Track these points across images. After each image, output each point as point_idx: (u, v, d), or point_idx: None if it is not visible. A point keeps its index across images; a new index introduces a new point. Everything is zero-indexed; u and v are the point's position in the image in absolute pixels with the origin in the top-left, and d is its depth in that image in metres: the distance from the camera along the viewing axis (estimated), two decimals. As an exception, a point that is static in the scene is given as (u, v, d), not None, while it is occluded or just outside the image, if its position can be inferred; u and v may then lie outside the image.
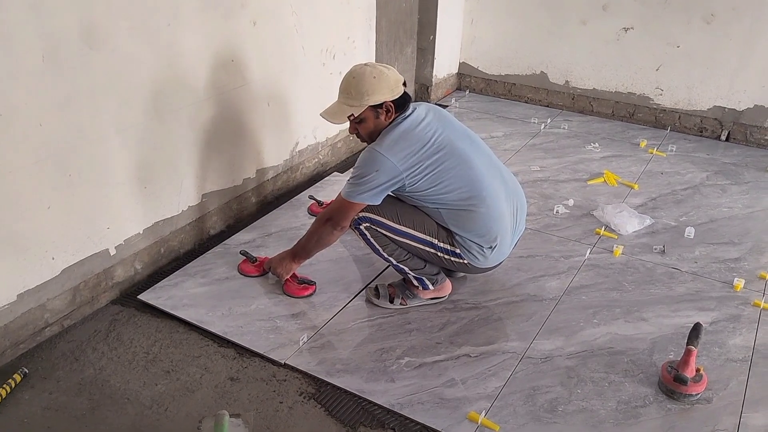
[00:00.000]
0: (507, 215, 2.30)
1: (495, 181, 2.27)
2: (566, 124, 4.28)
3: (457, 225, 2.25)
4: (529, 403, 2.06)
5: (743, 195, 3.41)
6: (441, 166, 2.17)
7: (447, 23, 4.47)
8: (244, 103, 2.83)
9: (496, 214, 2.25)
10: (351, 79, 2.18)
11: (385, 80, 2.15)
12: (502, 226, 2.27)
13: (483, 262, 2.32)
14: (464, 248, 2.28)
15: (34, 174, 2.04)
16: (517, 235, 2.43)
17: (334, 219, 2.26)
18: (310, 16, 3.07)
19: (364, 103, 2.16)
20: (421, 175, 2.16)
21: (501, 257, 2.37)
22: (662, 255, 2.85)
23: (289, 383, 2.10)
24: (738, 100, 3.98)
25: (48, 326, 2.25)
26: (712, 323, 2.43)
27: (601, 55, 4.28)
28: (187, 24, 2.42)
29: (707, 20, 3.87)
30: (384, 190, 2.18)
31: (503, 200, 2.28)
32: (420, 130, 2.18)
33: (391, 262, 2.37)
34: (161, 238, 2.61)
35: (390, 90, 2.17)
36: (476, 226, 2.24)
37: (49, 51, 1.97)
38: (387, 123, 2.21)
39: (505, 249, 2.35)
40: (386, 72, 2.17)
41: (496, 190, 2.26)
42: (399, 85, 2.19)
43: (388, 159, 2.12)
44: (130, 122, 2.31)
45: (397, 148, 2.14)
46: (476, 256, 2.29)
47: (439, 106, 2.38)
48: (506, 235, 2.30)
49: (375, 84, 2.14)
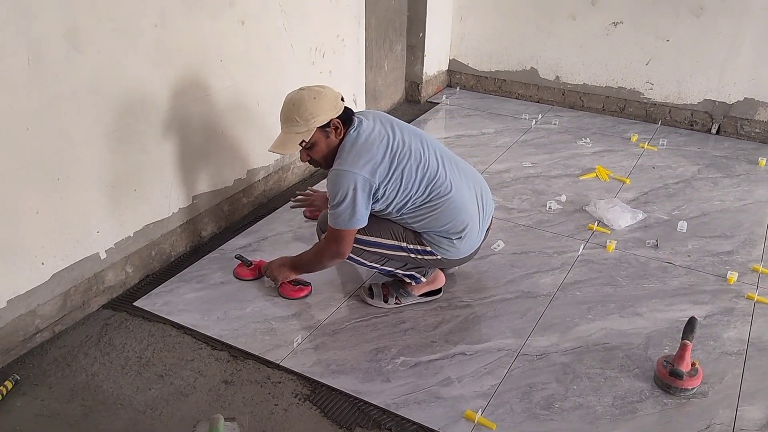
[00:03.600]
0: (470, 202, 2.30)
1: (452, 172, 2.28)
2: (557, 120, 4.28)
3: (424, 224, 2.27)
4: (526, 400, 2.05)
5: (735, 188, 3.42)
6: (404, 169, 2.17)
7: (436, 20, 4.46)
8: (233, 103, 2.81)
9: (460, 204, 2.26)
10: (291, 106, 2.14)
11: (325, 99, 2.13)
12: (467, 215, 2.28)
13: (455, 253, 2.33)
14: (434, 245, 2.30)
15: (21, 178, 2.01)
16: (487, 217, 2.42)
17: (337, 251, 2.24)
18: (299, 15, 3.05)
19: (312, 126, 2.13)
20: (390, 182, 2.17)
21: (474, 244, 2.37)
22: (655, 249, 2.85)
23: (284, 385, 2.09)
24: (728, 93, 3.98)
25: (39, 332, 2.22)
26: (706, 317, 2.43)
27: (590, 50, 4.28)
28: (173, 24, 2.39)
29: (696, 13, 3.88)
30: (365, 207, 2.15)
31: (465, 188, 2.29)
32: (374, 139, 2.17)
33: (376, 267, 2.40)
34: (152, 241, 2.58)
35: (333, 107, 2.14)
36: (442, 219, 2.25)
37: (35, 54, 1.94)
38: (338, 140, 2.19)
39: (475, 235, 2.34)
40: (323, 91, 2.15)
41: (456, 181, 2.27)
42: (338, 100, 2.17)
43: (359, 174, 2.11)
44: (117, 124, 2.29)
45: (362, 162, 2.12)
46: (447, 249, 2.31)
47: (382, 112, 2.38)
48: (474, 222, 2.31)
49: (316, 104, 2.11)
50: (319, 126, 2.14)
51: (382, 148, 2.16)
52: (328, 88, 2.18)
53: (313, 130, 2.14)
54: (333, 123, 2.16)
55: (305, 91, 2.15)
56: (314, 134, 2.15)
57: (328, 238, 2.26)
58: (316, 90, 2.15)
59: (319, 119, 2.13)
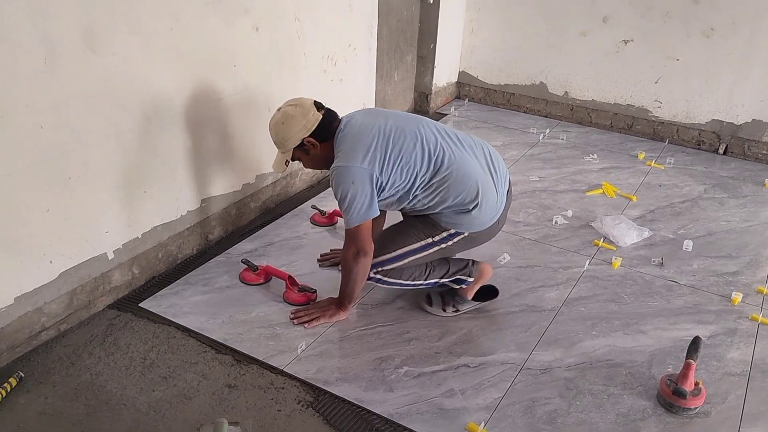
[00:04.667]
0: (478, 167, 2.27)
1: (453, 144, 2.27)
2: (565, 135, 4.29)
3: (438, 201, 2.25)
4: (528, 414, 2.05)
5: (741, 209, 3.42)
6: (402, 150, 2.19)
7: (447, 32, 4.48)
8: (245, 108, 2.82)
9: (468, 170, 2.23)
10: (270, 131, 2.30)
11: (293, 121, 2.22)
12: (478, 180, 2.24)
13: (480, 223, 2.30)
14: (456, 224, 2.29)
15: (33, 176, 2.03)
16: (502, 179, 2.36)
17: (357, 250, 2.23)
18: (313, 23, 3.07)
19: (289, 147, 2.26)
20: (390, 165, 2.18)
21: (496, 210, 2.32)
22: (660, 267, 2.85)
23: (287, 391, 2.09)
24: (736, 114, 4.00)
25: (44, 330, 2.23)
26: (710, 337, 2.43)
27: (600, 67, 4.30)
28: (188, 29, 2.41)
29: (706, 34, 3.90)
30: (371, 195, 2.17)
31: (468, 156, 2.27)
32: (363, 130, 2.21)
33: (421, 284, 2.41)
34: (159, 242, 2.59)
35: (303, 127, 2.22)
36: (455, 191, 2.22)
37: (51, 53, 1.96)
38: (322, 150, 2.27)
39: (494, 200, 2.30)
40: (292, 111, 2.22)
41: (457, 150, 2.26)
42: (309, 116, 2.22)
43: (354, 166, 2.15)
44: (129, 126, 2.30)
45: (356, 154, 2.16)
46: (470, 223, 2.28)
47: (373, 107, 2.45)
48: (488, 186, 2.27)
49: (286, 129, 2.23)
50: (295, 146, 2.25)
51: (373, 137, 2.19)
52: (300, 105, 2.24)
53: (291, 150, 2.27)
54: (305, 141, 2.25)
55: (278, 114, 2.26)
56: (294, 152, 2.29)
57: (347, 242, 2.25)
58: (285, 112, 2.24)
59: (291, 141, 2.24)
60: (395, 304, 2.53)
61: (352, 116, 2.30)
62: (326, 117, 2.26)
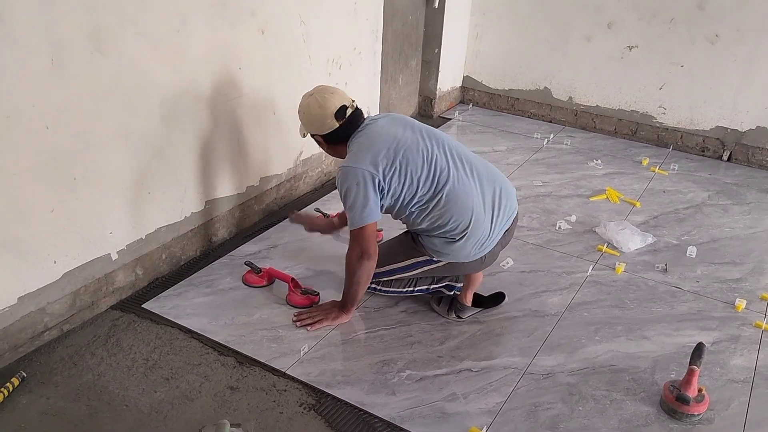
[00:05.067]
0: (478, 200, 2.26)
1: (462, 170, 2.28)
2: (569, 140, 4.29)
3: (431, 223, 2.26)
4: (531, 419, 2.04)
5: (745, 215, 3.41)
6: (408, 163, 2.21)
7: (452, 37, 4.49)
8: (250, 110, 2.83)
9: (464, 202, 2.23)
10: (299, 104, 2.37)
11: (309, 117, 2.30)
12: (471, 212, 2.24)
13: (464, 255, 2.30)
14: (439, 252, 2.32)
15: (38, 177, 2.03)
16: (505, 217, 2.36)
17: (362, 252, 2.24)
18: (318, 26, 3.08)
19: (304, 130, 2.38)
20: (393, 174, 2.20)
21: (483, 245, 2.31)
22: (664, 273, 2.85)
23: (289, 393, 2.09)
24: (740, 121, 3.99)
25: (47, 330, 2.23)
26: (713, 343, 2.42)
27: (605, 73, 4.30)
28: (195, 31, 2.42)
29: (711, 41, 3.90)
30: (374, 197, 2.20)
31: (472, 188, 2.26)
32: (378, 135, 2.25)
33: (413, 291, 2.52)
34: (163, 244, 2.60)
35: (315, 128, 2.31)
36: (447, 216, 2.24)
37: (58, 54, 1.96)
38: (331, 148, 2.37)
39: (482, 235, 2.28)
40: (315, 108, 2.27)
41: (462, 177, 2.26)
42: (326, 122, 2.27)
43: (358, 167, 2.18)
44: (134, 127, 2.31)
45: (362, 156, 2.20)
46: (454, 253, 2.30)
47: (399, 114, 2.45)
48: (480, 220, 2.26)
49: (304, 117, 2.33)
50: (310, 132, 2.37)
51: (386, 143, 2.22)
52: (324, 107, 2.26)
53: (306, 133, 2.40)
54: (316, 137, 2.36)
55: (306, 100, 2.32)
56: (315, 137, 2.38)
57: (351, 244, 2.27)
58: (310, 105, 2.29)
59: (305, 128, 2.36)
60: (398, 307, 2.53)
61: (376, 120, 2.33)
62: (343, 127, 2.29)
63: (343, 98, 2.30)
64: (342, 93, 2.32)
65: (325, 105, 2.26)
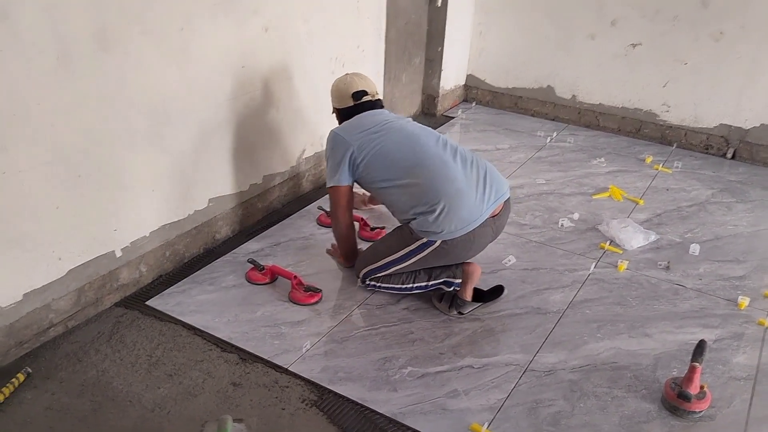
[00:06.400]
0: (460, 174, 2.36)
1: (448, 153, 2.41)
2: (572, 138, 4.29)
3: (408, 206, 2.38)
4: (532, 416, 2.05)
5: (748, 213, 3.41)
6: (386, 140, 2.42)
7: (455, 35, 4.49)
8: (253, 109, 2.84)
9: (446, 174, 2.35)
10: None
11: (333, 93, 2.65)
12: (455, 184, 2.33)
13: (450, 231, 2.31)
14: (426, 231, 2.35)
15: (44, 174, 2.05)
16: (494, 196, 2.40)
17: (332, 209, 2.58)
18: (321, 24, 3.09)
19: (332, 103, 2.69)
20: (368, 149, 2.42)
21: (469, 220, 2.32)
22: (667, 271, 2.85)
23: (291, 390, 2.10)
24: (744, 119, 3.98)
25: (52, 326, 2.25)
26: (716, 341, 2.42)
27: (608, 70, 4.30)
28: (199, 29, 2.43)
29: (716, 38, 3.89)
30: (345, 163, 2.44)
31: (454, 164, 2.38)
32: (371, 116, 2.53)
33: (413, 287, 2.53)
34: (167, 241, 2.61)
35: (337, 100, 2.65)
36: (423, 195, 2.34)
37: (64, 53, 1.98)
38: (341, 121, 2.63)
39: (466, 209, 2.32)
40: (338, 87, 2.62)
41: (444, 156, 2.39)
42: (343, 100, 2.61)
43: (338, 134, 2.48)
44: (139, 125, 2.32)
45: (348, 127, 2.51)
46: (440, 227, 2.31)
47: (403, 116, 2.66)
48: (464, 193, 2.32)
49: (332, 92, 2.66)
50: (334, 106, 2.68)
51: (372, 122, 2.48)
52: (346, 86, 2.59)
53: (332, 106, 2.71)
54: (334, 111, 2.69)
55: (339, 78, 2.65)
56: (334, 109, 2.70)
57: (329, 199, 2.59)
58: (338, 85, 2.63)
59: (331, 100, 2.68)
60: (400, 305, 2.54)
61: (383, 111, 2.61)
62: (355, 107, 2.58)
63: (368, 86, 2.61)
64: (371, 83, 2.63)
65: (350, 85, 2.58)
